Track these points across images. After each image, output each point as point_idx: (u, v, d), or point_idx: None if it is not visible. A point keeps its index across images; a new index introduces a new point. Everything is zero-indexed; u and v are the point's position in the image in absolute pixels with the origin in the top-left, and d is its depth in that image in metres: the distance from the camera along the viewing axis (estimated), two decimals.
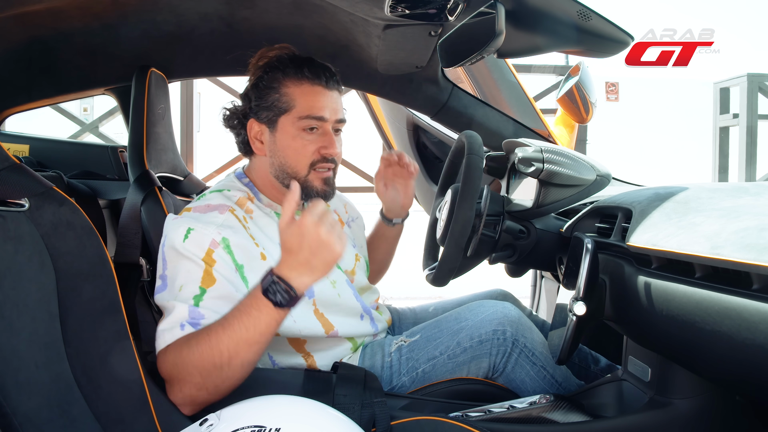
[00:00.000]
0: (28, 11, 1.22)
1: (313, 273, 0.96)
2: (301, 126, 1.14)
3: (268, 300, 0.95)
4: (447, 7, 1.13)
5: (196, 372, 0.96)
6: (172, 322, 1.01)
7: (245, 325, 0.95)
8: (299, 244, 0.95)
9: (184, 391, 0.98)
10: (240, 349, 0.95)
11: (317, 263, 0.96)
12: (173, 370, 0.98)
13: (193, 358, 0.96)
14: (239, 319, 0.96)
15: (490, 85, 1.92)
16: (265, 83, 1.15)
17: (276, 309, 0.95)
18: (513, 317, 1.22)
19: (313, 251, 0.95)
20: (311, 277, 0.96)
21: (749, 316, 0.71)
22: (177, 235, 1.05)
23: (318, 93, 1.14)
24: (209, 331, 0.97)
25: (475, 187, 1.13)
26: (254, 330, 0.95)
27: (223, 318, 0.98)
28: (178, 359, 0.97)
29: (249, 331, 0.95)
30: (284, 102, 1.14)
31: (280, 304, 0.95)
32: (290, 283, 0.95)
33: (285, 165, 1.15)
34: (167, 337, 1.00)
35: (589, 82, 1.94)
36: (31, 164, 1.97)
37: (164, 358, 1.00)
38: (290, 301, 0.95)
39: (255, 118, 1.17)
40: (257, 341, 0.96)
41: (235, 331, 0.95)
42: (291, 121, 1.14)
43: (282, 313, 0.96)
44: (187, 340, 0.98)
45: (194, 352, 0.96)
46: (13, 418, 0.91)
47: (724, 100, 5.81)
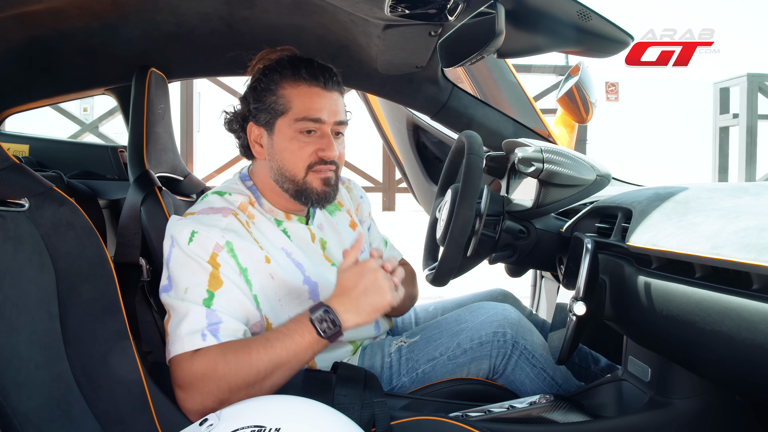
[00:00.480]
0: (28, 11, 1.22)
1: (360, 314, 1.02)
2: (298, 128, 1.11)
3: (313, 327, 0.99)
4: (447, 7, 1.13)
5: (226, 387, 0.96)
6: (190, 328, 0.99)
7: (286, 348, 0.98)
8: (355, 283, 1.02)
9: (205, 403, 0.97)
10: (276, 371, 0.98)
11: (366, 305, 1.02)
12: (200, 381, 0.97)
13: (228, 373, 0.96)
14: (282, 342, 0.99)
15: (490, 85, 1.92)
16: (263, 86, 1.14)
17: (318, 338, 1.00)
18: (513, 319, 1.22)
19: (366, 292, 1.02)
20: (357, 316, 1.02)
21: (749, 316, 0.71)
22: (182, 237, 1.05)
23: (315, 94, 1.12)
24: (249, 349, 0.98)
25: (475, 187, 1.13)
26: (294, 354, 0.99)
27: (264, 338, 1.00)
28: (210, 372, 0.96)
29: (289, 354, 0.98)
30: (281, 104, 1.12)
31: (324, 335, 1.00)
32: (338, 316, 1.00)
33: (283, 168, 1.13)
34: (186, 344, 0.99)
35: (589, 82, 1.94)
36: (31, 164, 1.97)
37: (191, 367, 0.98)
38: (333, 334, 1.00)
39: (254, 121, 1.16)
40: (292, 367, 1.00)
41: (276, 353, 0.98)
42: (288, 123, 1.12)
43: (321, 344, 1.01)
44: (223, 353, 0.97)
45: (231, 367, 0.96)
46: (13, 418, 0.91)
47: (724, 100, 5.82)
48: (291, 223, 1.19)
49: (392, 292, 1.04)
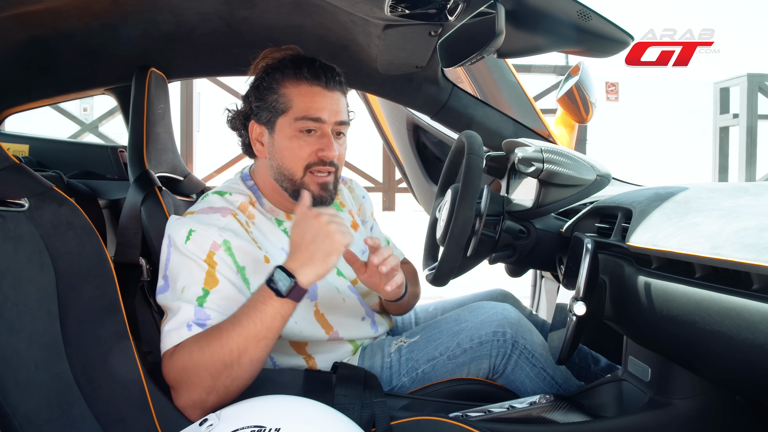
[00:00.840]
0: (28, 11, 1.22)
1: (314, 263, 0.99)
2: (298, 127, 1.11)
3: (271, 290, 0.97)
4: (447, 7, 1.13)
5: (206, 374, 0.96)
6: (177, 323, 1.00)
7: (252, 320, 0.96)
8: (302, 235, 1.00)
9: (193, 396, 0.97)
10: (249, 345, 0.96)
11: (318, 253, 0.99)
12: (182, 375, 0.97)
13: (204, 359, 0.96)
14: (247, 315, 0.97)
15: (490, 85, 1.92)
16: (265, 84, 1.14)
17: (280, 300, 0.97)
18: (513, 319, 1.22)
19: (313, 239, 0.99)
20: (313, 267, 0.99)
21: (749, 316, 0.71)
22: (179, 236, 1.05)
23: (316, 94, 1.12)
24: (219, 330, 0.97)
25: (475, 187, 1.13)
26: (261, 324, 0.96)
27: (232, 316, 0.99)
28: (188, 362, 0.97)
29: (257, 325, 0.96)
30: (282, 103, 1.12)
31: (282, 293, 0.96)
32: (293, 273, 0.98)
33: (282, 167, 1.13)
34: (174, 338, 0.99)
35: (589, 82, 1.94)
36: (31, 164, 1.97)
37: (172, 363, 0.98)
38: (292, 290, 0.97)
39: (255, 119, 1.16)
40: (265, 336, 0.97)
41: (244, 327, 0.96)
42: (288, 122, 1.12)
43: (286, 304, 0.97)
44: (197, 341, 0.98)
45: (205, 353, 0.96)
46: (12, 418, 0.91)
47: (724, 100, 5.82)
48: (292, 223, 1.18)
49: (341, 234, 1.01)
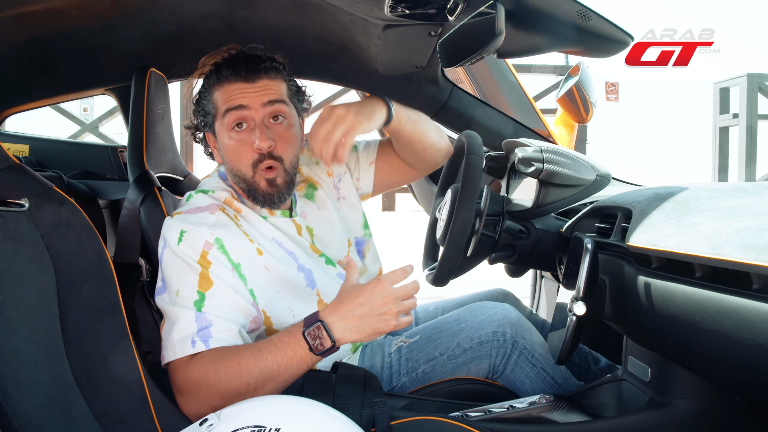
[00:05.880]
0: (28, 11, 1.21)
1: (359, 333, 0.97)
2: (228, 124, 1.11)
3: (306, 343, 0.96)
4: (447, 7, 1.13)
5: (218, 395, 0.96)
6: (181, 334, 1.00)
7: (277, 362, 0.96)
8: (363, 301, 0.97)
9: (201, 409, 0.97)
10: (266, 383, 0.96)
11: (367, 327, 0.97)
12: (194, 388, 0.97)
13: (219, 383, 0.96)
14: (273, 354, 0.96)
15: (490, 85, 1.92)
16: (200, 96, 1.17)
17: (311, 354, 0.96)
18: (513, 319, 1.22)
19: (371, 313, 0.97)
20: (356, 334, 0.97)
21: (749, 316, 0.71)
22: (171, 237, 1.06)
23: (236, 88, 1.11)
24: (239, 358, 0.97)
25: (475, 187, 1.13)
26: (285, 369, 0.96)
27: (256, 347, 0.98)
28: (203, 380, 0.97)
29: (280, 367, 0.96)
30: (212, 108, 1.14)
31: (316, 351, 0.96)
32: (333, 333, 0.96)
33: (234, 169, 1.14)
34: (177, 351, 0.99)
35: (589, 82, 1.94)
36: (31, 164, 1.97)
37: (186, 373, 0.98)
38: (327, 350, 0.96)
39: (204, 129, 1.20)
40: (284, 379, 0.97)
41: (266, 366, 0.96)
42: (220, 123, 1.13)
43: (314, 359, 0.97)
44: (214, 362, 0.97)
45: (221, 377, 0.96)
46: (12, 418, 0.91)
47: (724, 100, 5.82)
48: (275, 218, 1.19)
49: (398, 319, 0.98)
